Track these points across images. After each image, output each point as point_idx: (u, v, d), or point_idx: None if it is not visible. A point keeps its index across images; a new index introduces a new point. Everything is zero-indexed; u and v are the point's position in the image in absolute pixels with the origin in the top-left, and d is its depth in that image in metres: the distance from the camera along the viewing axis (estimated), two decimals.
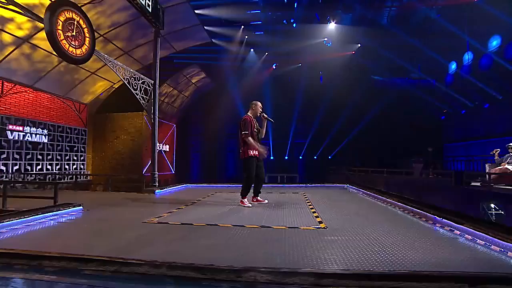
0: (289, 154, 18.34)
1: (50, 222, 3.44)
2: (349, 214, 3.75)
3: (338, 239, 2.58)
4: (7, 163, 8.02)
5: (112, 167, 13.12)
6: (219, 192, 6.56)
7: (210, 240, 2.63)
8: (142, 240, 2.64)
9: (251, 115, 4.73)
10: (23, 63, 7.77)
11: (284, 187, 7.71)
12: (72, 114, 10.69)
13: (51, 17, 4.89)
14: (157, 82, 8.70)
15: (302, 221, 3.36)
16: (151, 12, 7.03)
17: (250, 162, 4.54)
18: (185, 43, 11.05)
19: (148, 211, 4.10)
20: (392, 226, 3.09)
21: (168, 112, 15.71)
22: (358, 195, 5.84)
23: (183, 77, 14.31)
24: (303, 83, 16.49)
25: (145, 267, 1.73)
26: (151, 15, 6.97)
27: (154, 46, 8.75)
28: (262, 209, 4.22)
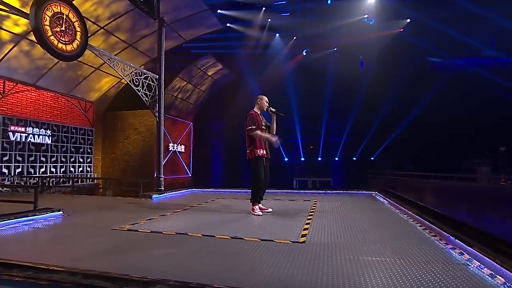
0: (323, 155, 17.96)
1: (23, 227, 3.83)
2: (349, 228, 3.64)
3: (303, 257, 2.53)
4: (9, 166, 9.01)
5: (122, 169, 14.02)
6: (223, 198, 6.75)
7: (165, 250, 2.76)
8: (93, 248, 2.83)
9: (258, 110, 4.81)
10: (23, 61, 8.67)
11: (299, 193, 7.72)
12: (77, 113, 11.63)
13: (37, 12, 5.40)
14: (162, 77, 9.13)
15: (284, 233, 3.36)
16: (142, 0, 7.38)
17: (257, 163, 4.61)
18: (194, 32, 11.40)
19: (129, 217, 4.37)
20: (391, 244, 2.94)
21: (183, 108, 16.32)
22: (381, 205, 5.66)
23: (197, 69, 14.75)
24: (338, 70, 15.99)
25: (62, 274, 1.89)
26: (143, 4, 7.32)
27: (158, 37, 9.20)
28: (250, 218, 4.28)
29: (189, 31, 11.24)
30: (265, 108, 4.82)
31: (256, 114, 4.73)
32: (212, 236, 3.22)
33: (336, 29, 14.13)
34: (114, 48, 10.37)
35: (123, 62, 8.06)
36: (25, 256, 2.41)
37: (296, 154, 18.01)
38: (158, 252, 2.70)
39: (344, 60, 15.79)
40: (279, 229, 3.59)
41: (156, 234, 3.36)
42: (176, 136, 15.96)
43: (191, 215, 4.68)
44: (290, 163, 18.03)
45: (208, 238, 3.17)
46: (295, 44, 15.92)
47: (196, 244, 2.98)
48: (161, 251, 2.72)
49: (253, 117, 4.65)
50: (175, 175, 15.65)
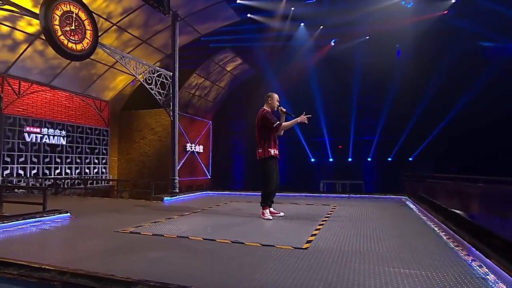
0: (353, 155, 17.62)
1: (31, 228, 4.17)
2: (362, 235, 3.65)
3: (301, 263, 2.59)
4: (25, 167, 9.72)
5: (138, 171, 14.60)
6: (236, 201, 6.93)
7: (162, 252, 2.93)
8: (92, 250, 3.06)
9: (268, 109, 4.93)
10: (37, 61, 9.32)
11: (320, 197, 7.76)
12: (92, 112, 12.28)
13: (46, 12, 5.81)
14: (177, 74, 9.44)
15: (288, 238, 3.43)
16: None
17: (270, 163, 4.69)
18: (210, 25, 11.67)
19: (135, 219, 4.63)
20: (402, 254, 2.93)
21: (201, 106, 16.70)
22: (408, 211, 5.57)
23: (215, 64, 15.03)
24: (370, 62, 15.61)
25: (52, 273, 2.09)
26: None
27: (172, 32, 9.52)
28: (257, 223, 4.39)
29: (205, 24, 11.51)
30: (276, 107, 4.88)
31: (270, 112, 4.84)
32: (213, 240, 3.36)
33: (368, 15, 13.79)
34: (127, 45, 10.85)
35: (135, 60, 8.43)
36: (26, 256, 2.64)
37: (323, 155, 17.81)
38: (154, 254, 2.87)
39: (378, 49, 15.34)
40: (284, 234, 3.65)
41: (157, 237, 3.55)
42: (194, 136, 16.35)
43: (198, 218, 4.87)
44: (317, 164, 17.86)
45: (208, 242, 3.31)
46: (321, 34, 15.74)
47: (194, 247, 3.13)
48: (158, 254, 2.88)
49: (270, 114, 4.78)
50: (193, 177, 16.05)
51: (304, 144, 17.54)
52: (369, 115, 16.59)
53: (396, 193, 7.66)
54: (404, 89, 14.93)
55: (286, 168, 18.18)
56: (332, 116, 16.73)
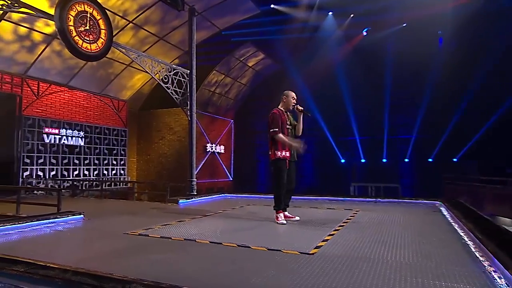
0: (388, 156, 17.27)
1: (44, 229, 4.54)
2: (377, 241, 3.69)
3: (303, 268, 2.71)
4: (44, 168, 10.41)
5: (157, 172, 15.13)
6: (253, 204, 7.11)
7: (165, 255, 3.16)
8: (99, 251, 3.33)
9: (283, 108, 5.05)
10: (55, 61, 9.97)
11: (344, 201, 7.76)
12: (110, 112, 12.90)
13: (61, 13, 6.24)
14: (194, 72, 9.74)
15: (296, 243, 3.55)
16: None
17: (278, 166, 4.84)
18: (229, 19, 11.92)
19: (146, 222, 4.91)
20: (415, 262, 2.98)
21: (221, 105, 17.04)
22: (439, 218, 5.48)
23: (236, 60, 15.29)
24: (407, 52, 15.17)
25: (56, 271, 2.35)
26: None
27: (188, 28, 9.83)
28: (269, 227, 4.54)
29: (223, 18, 11.79)
30: (291, 106, 4.99)
31: (280, 113, 4.93)
32: (219, 243, 3.54)
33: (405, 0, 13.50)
34: (144, 43, 11.32)
35: (151, 59, 8.80)
36: (35, 255, 2.93)
37: (354, 155, 17.57)
38: (157, 256, 3.09)
39: (416, 37, 14.81)
40: (294, 239, 3.77)
41: (164, 240, 3.79)
42: (215, 136, 16.69)
43: (210, 221, 5.09)
44: (347, 165, 17.65)
45: (214, 245, 3.50)
46: (352, 23, 15.55)
47: (199, 250, 3.33)
48: (161, 256, 3.11)
49: (276, 118, 4.85)
50: (213, 179, 16.40)
51: (332, 144, 17.40)
52: (405, 111, 16.17)
53: (430, 198, 7.58)
54: (446, 81, 14.36)
55: (313, 170, 18.12)
56: (363, 113, 16.48)
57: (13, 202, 5.83)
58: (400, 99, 15.89)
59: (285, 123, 4.91)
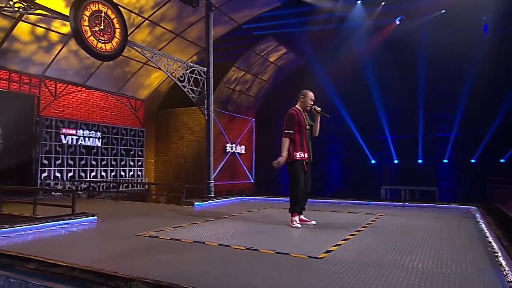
0: (424, 156, 16.91)
1: (60, 230, 4.89)
2: (391, 247, 3.77)
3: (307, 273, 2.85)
4: (62, 170, 10.98)
5: (176, 174, 15.55)
6: (271, 207, 7.29)
7: (172, 256, 3.40)
8: (108, 251, 3.61)
9: (300, 108, 5.17)
10: (72, 61, 10.51)
11: (369, 205, 7.81)
12: (127, 112, 13.41)
13: (76, 14, 6.63)
14: (211, 69, 10.01)
15: (306, 247, 3.69)
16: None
17: (295, 167, 4.97)
18: (248, 13, 12.14)
19: (159, 223, 5.19)
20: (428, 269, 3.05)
21: (242, 103, 17.27)
22: (470, 225, 5.42)
23: (256, 55, 15.46)
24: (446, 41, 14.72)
25: (65, 269, 2.63)
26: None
27: (205, 23, 10.11)
28: (282, 230, 4.70)
29: (242, 12, 12.01)
30: (308, 107, 5.10)
31: (298, 114, 5.06)
32: (228, 246, 3.74)
33: None
34: (161, 40, 11.72)
35: (167, 57, 9.13)
36: (47, 254, 3.22)
37: (386, 155, 17.29)
38: (164, 257, 3.32)
39: (456, 25, 14.31)
40: (305, 242, 3.91)
41: (174, 241, 4.03)
42: (235, 135, 16.94)
43: (222, 224, 5.31)
44: (378, 167, 17.41)
45: (222, 247, 3.71)
46: (383, 12, 15.27)
47: (206, 252, 3.55)
48: (167, 257, 3.34)
49: (293, 119, 4.98)
50: (234, 180, 16.66)
51: (361, 144, 17.21)
52: (443, 107, 15.75)
53: (465, 203, 7.49)
54: (491, 72, 13.81)
55: (341, 172, 18.01)
56: (395, 110, 16.19)
57: (30, 203, 6.26)
58: (437, 94, 15.46)
59: (303, 124, 5.03)
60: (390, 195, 15.98)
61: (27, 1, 6.18)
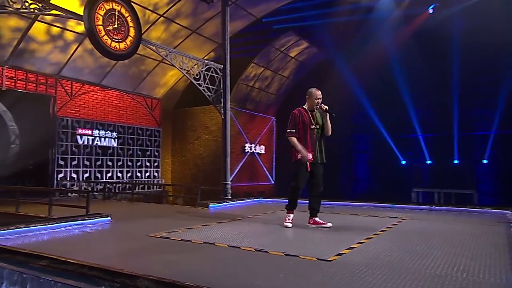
0: (461, 157, 16.54)
1: (74, 230, 5.21)
2: (407, 251, 3.83)
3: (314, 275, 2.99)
4: (78, 170, 11.47)
5: (193, 175, 15.89)
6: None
7: (180, 256, 3.62)
8: (118, 251, 3.89)
9: (308, 107, 5.34)
10: (87, 60, 10.97)
11: (393, 208, 7.84)
12: (143, 111, 13.83)
13: (89, 13, 6.97)
14: (227, 67, 10.22)
15: (317, 249, 3.84)
16: None
17: (297, 168, 5.19)
18: (265, 7, 12.31)
19: (171, 225, 5.44)
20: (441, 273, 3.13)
21: (261, 101, 17.43)
22: (502, 230, 5.38)
23: (276, 51, 15.59)
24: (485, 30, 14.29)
25: (74, 266, 2.89)
26: None
27: (222, 19, 10.32)
28: (294, 232, 4.84)
29: (260, 6, 12.21)
30: (315, 105, 5.23)
31: (301, 113, 5.24)
32: (237, 247, 3.92)
33: None
34: (176, 37, 12.04)
35: (182, 55, 9.40)
36: (60, 252, 3.49)
37: (418, 155, 17.04)
38: (172, 257, 3.55)
39: (496, 12, 13.88)
40: (317, 245, 4.06)
41: (184, 242, 4.25)
42: (254, 135, 17.12)
43: (235, 226, 5.52)
44: (409, 167, 17.17)
45: (231, 248, 3.90)
46: (414, 1, 15.11)
47: (215, 253, 3.76)
48: (176, 257, 3.57)
49: (294, 118, 5.21)
50: (253, 182, 16.84)
51: (390, 143, 17.03)
52: (481, 102, 15.36)
53: (500, 207, 7.42)
54: None
55: (368, 173, 17.88)
56: (427, 106, 15.93)
57: (46, 204, 6.63)
58: (474, 88, 15.07)
59: (307, 123, 5.16)
60: (422, 199, 15.72)
61: (42, 2, 6.55)
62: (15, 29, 9.34)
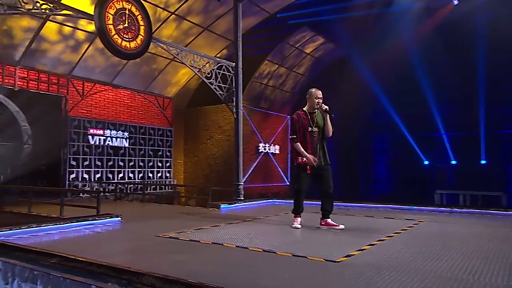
0: (489, 156, 16.27)
1: (84, 230, 5.43)
2: (420, 253, 3.88)
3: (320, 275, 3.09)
4: (89, 171, 11.79)
5: (205, 175, 16.10)
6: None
7: (187, 255, 3.77)
8: (127, 250, 4.08)
9: (307, 109, 5.42)
10: (99, 59, 11.28)
11: (411, 210, 7.82)
12: (154, 111, 14.10)
13: (100, 13, 7.19)
14: (240, 64, 10.34)
15: (326, 250, 3.93)
16: None
17: (298, 171, 5.39)
18: (279, 2, 12.42)
19: (181, 225, 5.62)
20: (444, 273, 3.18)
21: (276, 99, 17.53)
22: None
23: (291, 47, 15.65)
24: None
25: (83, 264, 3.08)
26: None
27: (234, 15, 10.46)
28: (304, 233, 4.94)
29: (273, 1, 12.32)
30: (315, 106, 5.29)
31: (300, 117, 5.34)
32: (245, 248, 4.04)
33: None
34: (188, 35, 12.25)
35: (193, 53, 9.57)
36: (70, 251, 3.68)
37: (442, 155, 16.85)
38: (179, 257, 3.70)
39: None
40: (326, 246, 4.16)
41: (192, 243, 4.40)
42: (269, 134, 17.22)
43: (245, 227, 5.65)
44: (432, 168, 16.99)
45: (239, 249, 4.03)
46: None
47: (222, 253, 3.90)
48: (183, 257, 3.71)
49: (294, 123, 5.38)
50: (267, 183, 16.94)
51: (411, 142, 16.88)
52: (510, 99, 15.16)
53: None
54: None
55: (388, 174, 17.76)
56: (451, 103, 15.74)
57: (58, 204, 6.91)
58: (502, 84, 14.85)
59: (306, 126, 5.24)
60: (446, 201, 15.52)
61: (53, 2, 6.80)
62: (27, 29, 9.69)
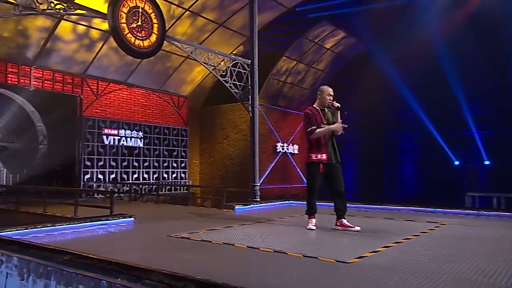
0: None
1: (97, 230, 5.69)
2: (436, 256, 3.92)
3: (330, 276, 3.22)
4: (104, 171, 12.15)
5: (221, 176, 16.29)
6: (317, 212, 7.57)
7: (198, 255, 3.95)
8: (138, 249, 4.32)
9: (318, 106, 5.57)
10: (113, 58, 11.62)
11: (435, 212, 7.75)
12: (169, 110, 14.39)
13: (113, 11, 7.46)
14: (255, 62, 10.47)
15: (338, 252, 4.04)
16: None
17: (310, 170, 5.46)
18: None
19: (194, 226, 5.83)
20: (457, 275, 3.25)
21: (294, 96, 17.61)
22: None
23: (310, 42, 15.71)
24: None
25: (94, 261, 3.29)
26: None
27: (249, 11, 10.61)
28: (317, 234, 5.13)
29: None
30: (327, 103, 5.42)
31: (314, 112, 5.46)
32: (256, 248, 4.19)
33: None
34: (203, 31, 12.48)
35: (207, 50, 9.77)
36: (83, 249, 3.91)
37: (474, 155, 16.60)
38: (190, 256, 3.88)
39: None
40: (338, 248, 4.27)
41: (203, 243, 4.56)
42: (287, 134, 17.32)
43: (258, 228, 5.80)
44: (463, 169, 16.73)
45: (250, 249, 4.18)
46: None
47: (232, 253, 4.05)
48: (193, 256, 3.89)
49: (309, 117, 5.43)
50: (286, 184, 17.02)
51: (440, 141, 16.67)
52: None
53: None
54: None
55: (416, 175, 17.58)
56: (483, 99, 15.50)
57: (72, 204, 7.23)
58: None
59: (320, 122, 5.36)
60: (479, 203, 15.27)
61: (67, 2, 7.09)
62: (42, 28, 10.09)
